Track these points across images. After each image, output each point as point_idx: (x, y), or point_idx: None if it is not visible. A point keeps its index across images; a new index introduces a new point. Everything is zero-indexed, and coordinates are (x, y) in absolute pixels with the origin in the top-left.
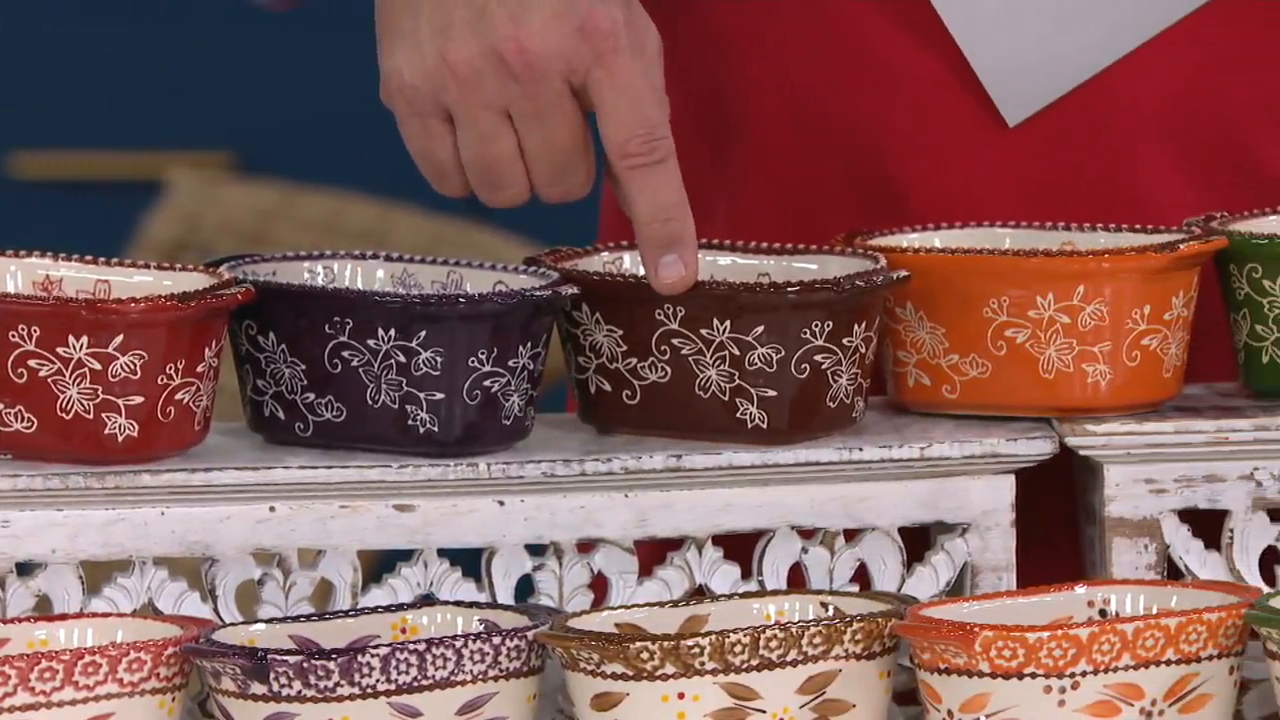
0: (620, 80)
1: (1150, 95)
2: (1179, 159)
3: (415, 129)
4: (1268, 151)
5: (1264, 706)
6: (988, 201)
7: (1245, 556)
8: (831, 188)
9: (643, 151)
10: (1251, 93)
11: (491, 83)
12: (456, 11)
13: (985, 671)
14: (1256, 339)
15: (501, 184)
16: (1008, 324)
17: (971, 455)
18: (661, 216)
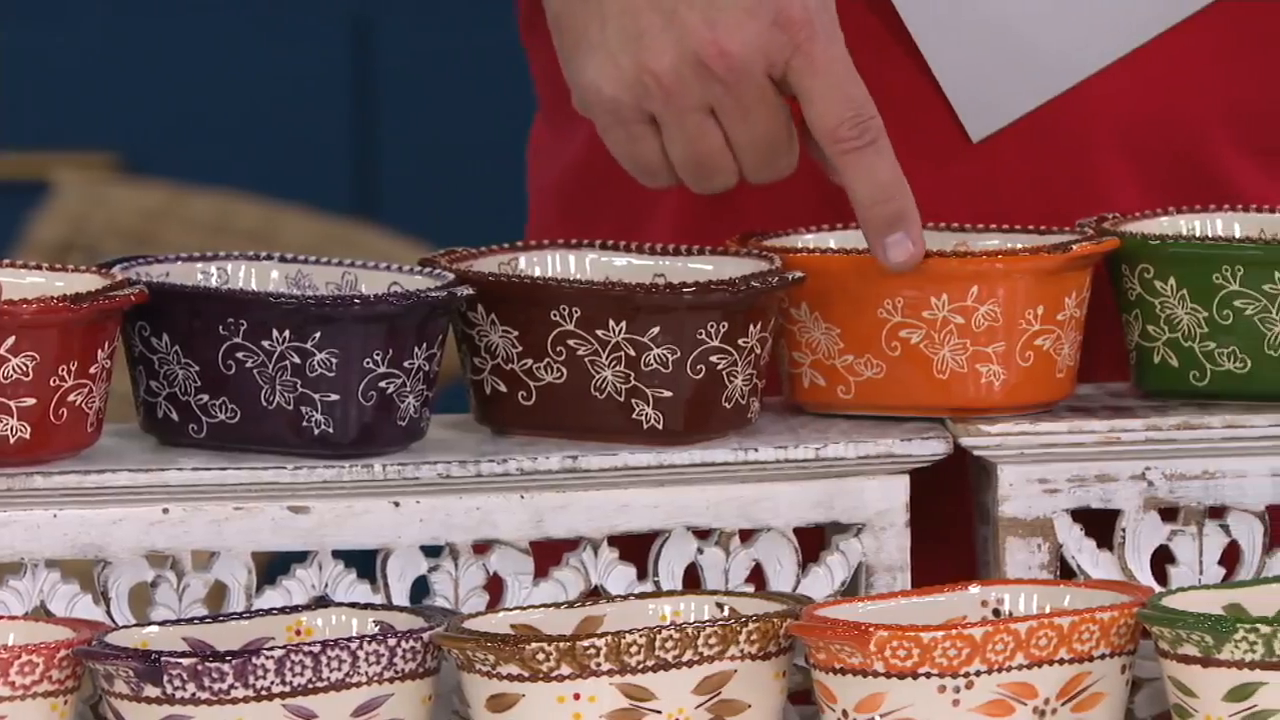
0: (821, 66)
1: (1112, 112)
2: (1141, 175)
3: (620, 136)
4: (1228, 167)
5: (1155, 705)
6: (950, 217)
7: (1137, 556)
8: (798, 195)
9: (854, 134)
10: (1212, 109)
11: (695, 86)
12: (644, 18)
13: (880, 671)
14: (1148, 339)
15: (712, 175)
16: (902, 324)
17: (866, 456)
18: (882, 198)
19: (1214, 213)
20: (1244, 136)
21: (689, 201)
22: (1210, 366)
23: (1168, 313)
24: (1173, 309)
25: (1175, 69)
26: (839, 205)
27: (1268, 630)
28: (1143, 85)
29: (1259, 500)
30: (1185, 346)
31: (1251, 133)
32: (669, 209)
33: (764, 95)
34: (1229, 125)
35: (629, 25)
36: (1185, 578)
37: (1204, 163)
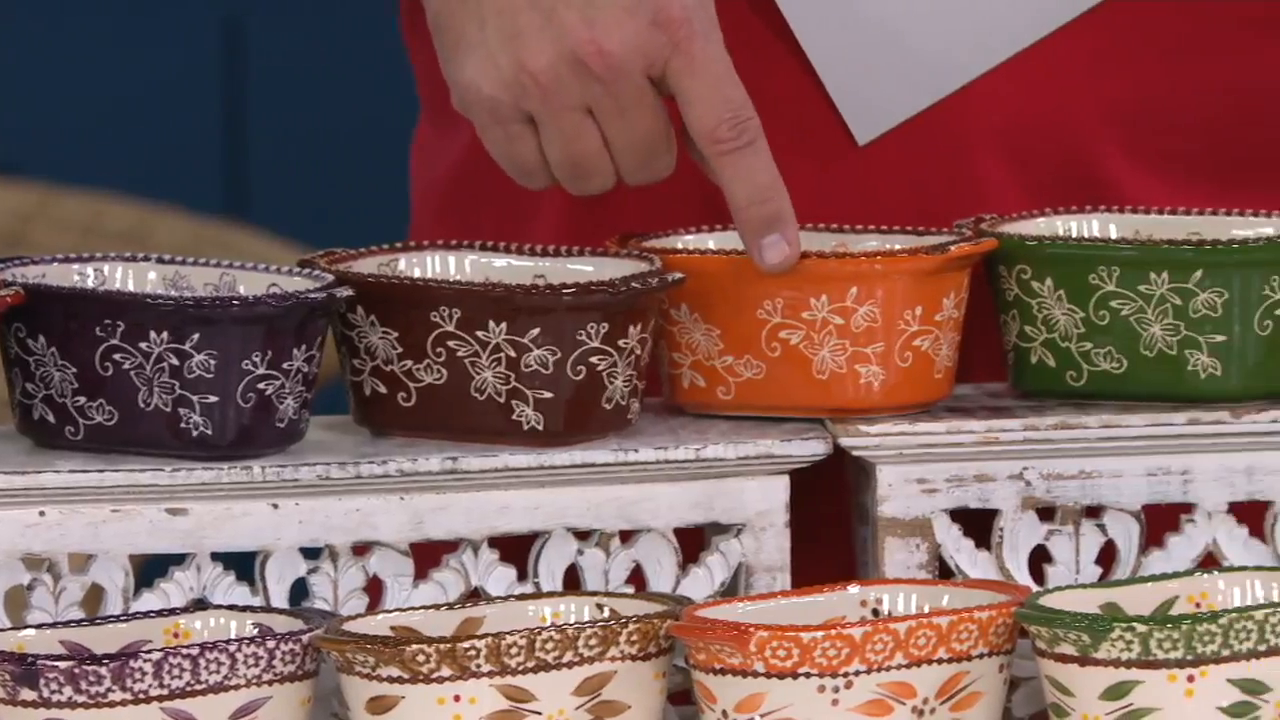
0: (699, 66)
1: (993, 115)
2: (1022, 177)
3: (498, 135)
4: (1110, 169)
5: (1032, 704)
6: (832, 218)
7: (1015, 555)
8: (678, 196)
9: (732, 135)
10: (1094, 112)
11: (572, 85)
12: (522, 17)
13: (760, 671)
14: (1025, 340)
15: (589, 176)
16: (782, 325)
17: (746, 456)
18: (759, 199)
19: (1090, 214)
20: (1125, 139)
21: (571, 203)
22: (1087, 367)
23: (1045, 313)
24: (1050, 309)
25: (1056, 72)
26: (719, 206)
27: (1144, 629)
28: (1024, 88)
29: (1135, 500)
30: (1062, 347)
31: (1133, 135)
32: (551, 210)
33: (642, 95)
34: (1110, 128)
35: (507, 24)
36: (1062, 577)
37: (1085, 165)
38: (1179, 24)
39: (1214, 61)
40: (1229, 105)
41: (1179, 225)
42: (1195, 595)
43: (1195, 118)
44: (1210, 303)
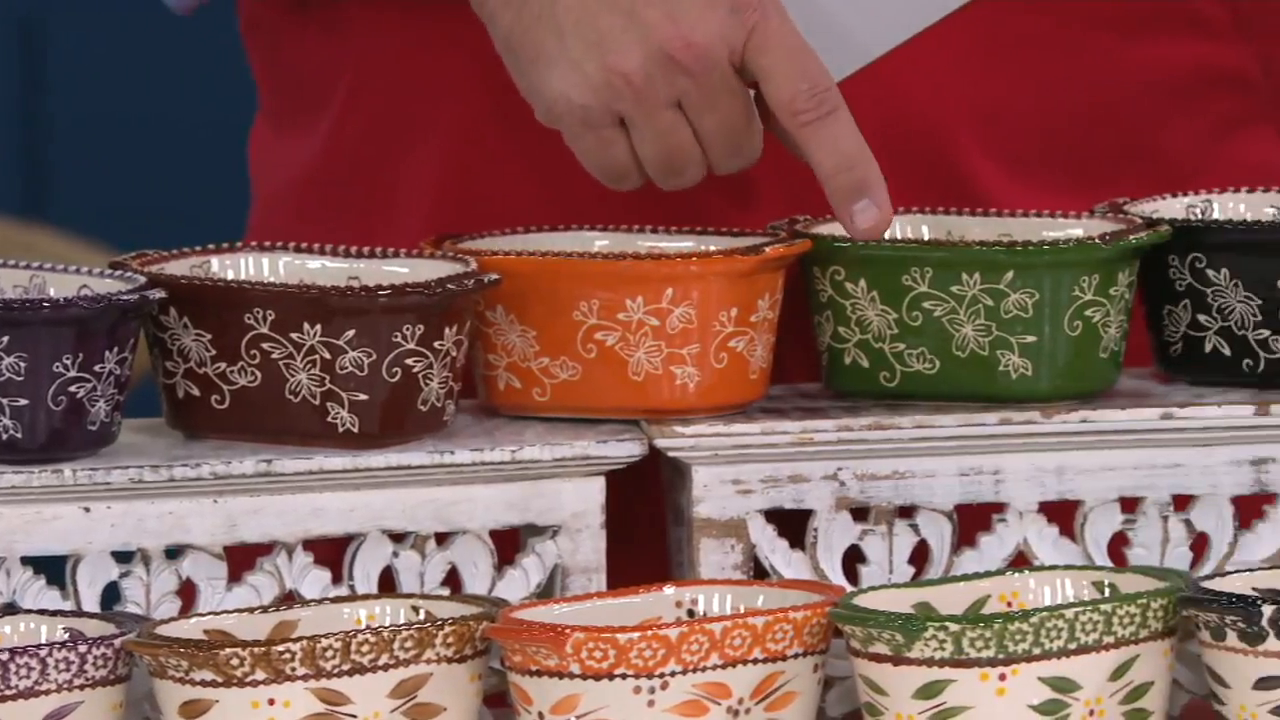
0: (775, 43)
1: (864, 115)
2: (893, 177)
3: (591, 142)
4: (976, 171)
5: (845, 703)
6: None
7: (829, 555)
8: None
9: (812, 106)
10: (960, 113)
11: (663, 82)
12: (603, 21)
13: (576, 673)
14: (839, 340)
15: (683, 169)
16: (598, 327)
17: (562, 458)
18: (846, 166)
19: (901, 215)
20: (987, 139)
21: (434, 207)
22: (900, 367)
23: (858, 314)
24: (863, 310)
25: (923, 72)
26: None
27: (956, 628)
28: (892, 87)
29: (948, 500)
30: (876, 348)
31: (994, 135)
32: (415, 215)
33: (728, 82)
34: (973, 128)
35: (588, 31)
36: (876, 577)
37: (951, 165)
38: (1039, 26)
39: (1072, 63)
40: (1086, 107)
41: (990, 226)
42: (1007, 594)
43: (1053, 119)
44: (1021, 303)
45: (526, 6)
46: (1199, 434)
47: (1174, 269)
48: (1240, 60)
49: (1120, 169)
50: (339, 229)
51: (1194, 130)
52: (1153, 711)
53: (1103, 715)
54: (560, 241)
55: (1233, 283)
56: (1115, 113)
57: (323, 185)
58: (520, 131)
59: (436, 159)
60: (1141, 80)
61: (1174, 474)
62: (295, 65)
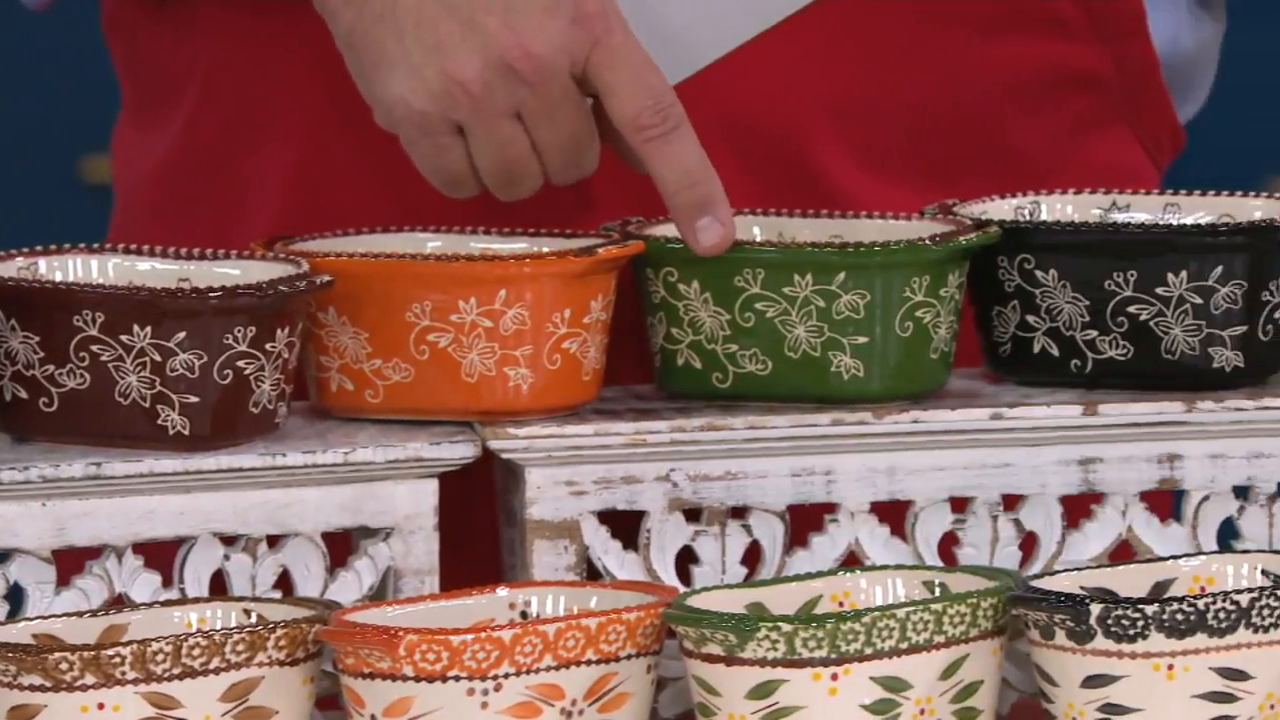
0: (619, 58)
1: (717, 108)
2: (747, 172)
3: (427, 148)
4: (829, 165)
5: (678, 704)
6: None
7: (662, 556)
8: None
9: (656, 122)
10: (813, 109)
11: (502, 91)
12: (443, 27)
13: (409, 675)
14: (672, 342)
15: (521, 180)
16: (430, 328)
17: (395, 460)
18: (689, 183)
19: (735, 216)
20: (842, 135)
21: (283, 208)
22: (733, 369)
23: (691, 315)
24: (696, 312)
25: (776, 67)
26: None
27: (789, 629)
28: (746, 82)
29: (780, 500)
30: (708, 349)
31: (848, 132)
32: (264, 214)
33: (568, 94)
34: (828, 124)
35: (427, 36)
36: (708, 577)
37: (806, 161)
38: (892, 22)
39: (926, 60)
40: (941, 104)
41: (822, 228)
42: (839, 594)
43: (908, 116)
44: (853, 305)
45: (368, 6)
46: (1028, 434)
47: (1003, 270)
48: (1095, 61)
49: (976, 167)
50: (192, 226)
51: (1049, 129)
52: (982, 710)
53: (933, 714)
54: (393, 243)
55: (1061, 284)
56: (971, 111)
57: (175, 183)
58: (366, 134)
59: (284, 159)
60: (997, 79)
61: (1003, 474)
62: (152, 63)
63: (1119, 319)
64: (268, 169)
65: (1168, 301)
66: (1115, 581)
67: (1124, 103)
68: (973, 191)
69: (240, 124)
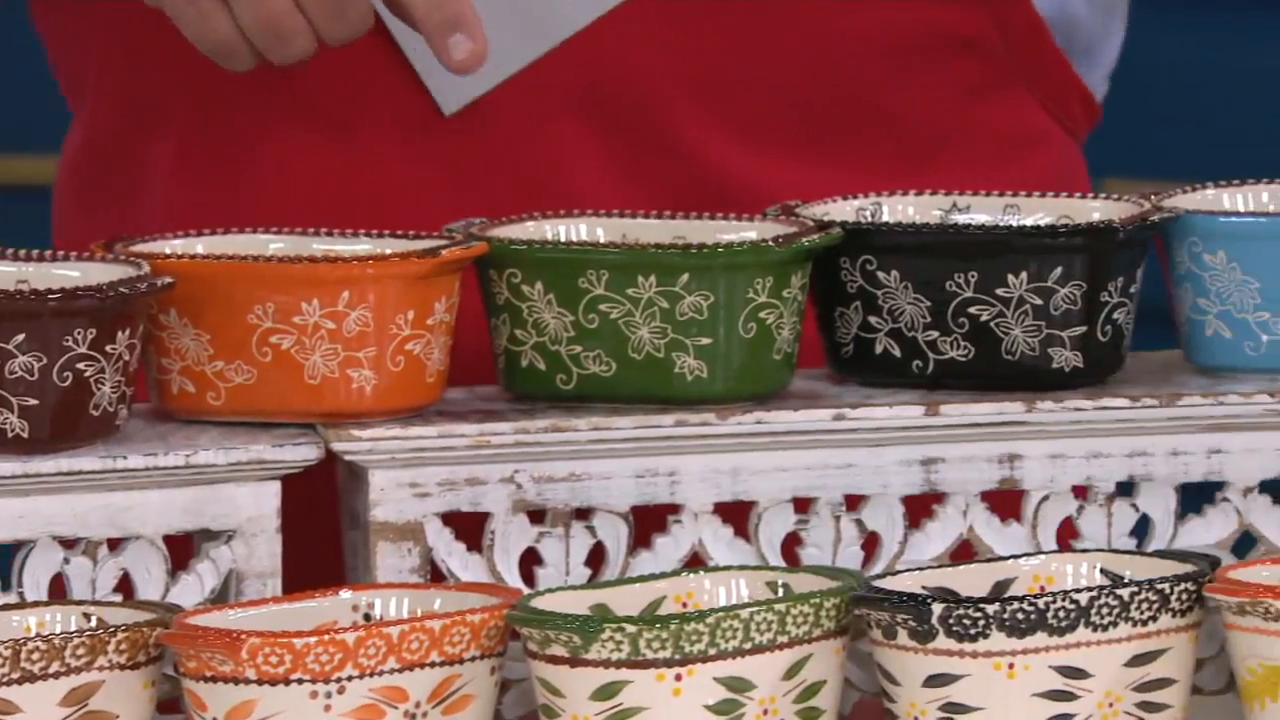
0: None
1: (574, 80)
2: (604, 145)
3: (192, 16)
4: (687, 130)
5: (522, 705)
6: (423, 192)
7: (506, 558)
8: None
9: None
10: (674, 77)
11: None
12: None
13: (252, 678)
14: (516, 343)
15: (289, 40)
16: (273, 330)
17: (237, 462)
18: (437, 4)
19: (578, 218)
20: (706, 103)
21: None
22: (577, 370)
23: (535, 317)
24: (540, 313)
25: (634, 36)
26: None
27: (633, 630)
28: (602, 53)
29: (624, 501)
30: (552, 350)
31: (712, 100)
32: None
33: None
34: (690, 92)
35: None
36: (552, 579)
37: (668, 131)
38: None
39: (789, 27)
40: (809, 72)
41: (665, 229)
42: (682, 595)
43: (776, 85)
44: (696, 306)
45: None
46: (870, 435)
47: (845, 271)
48: (975, 24)
49: (862, 135)
50: (104, 214)
51: (935, 94)
52: (824, 710)
53: (776, 714)
54: (235, 244)
55: (902, 285)
56: (843, 76)
57: (85, 169)
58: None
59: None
60: (868, 44)
61: (846, 474)
62: (64, 47)
63: (960, 320)
64: (155, 158)
65: (1008, 302)
66: (956, 581)
67: (1015, 66)
68: (862, 162)
69: (133, 109)
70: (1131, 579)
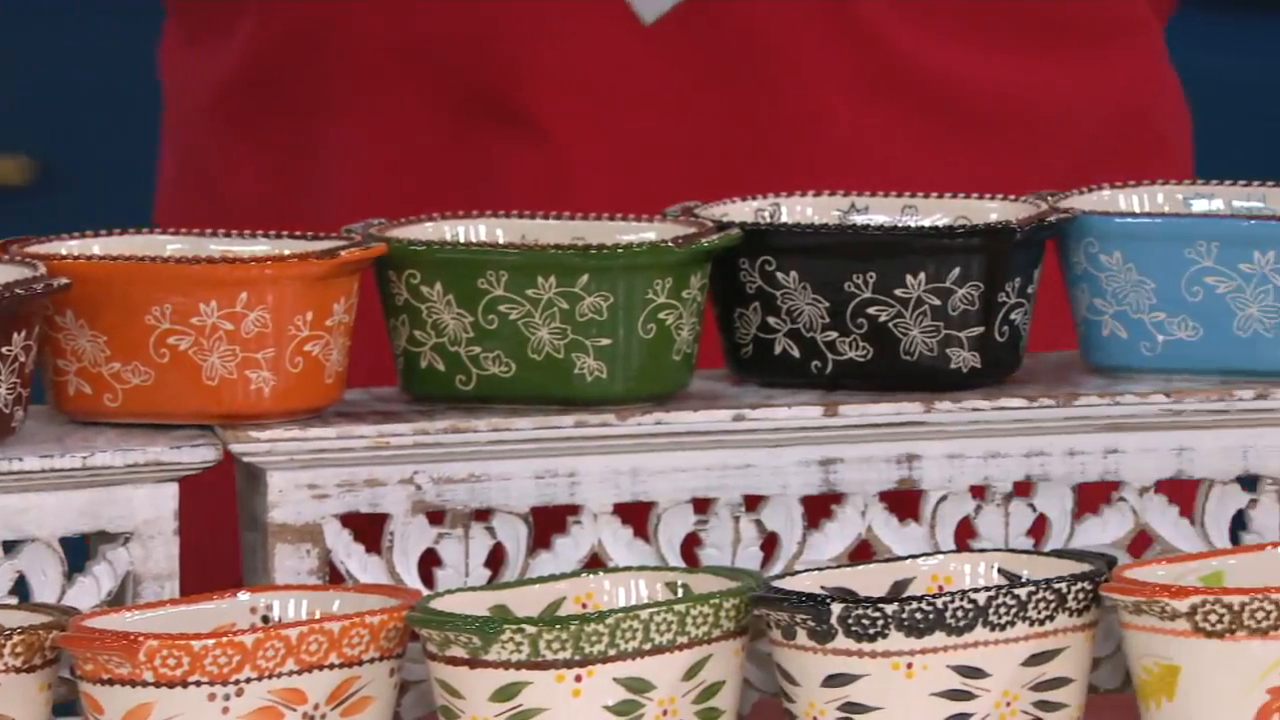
0: None
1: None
2: (835, 61)
3: None
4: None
5: (421, 707)
6: (622, 107)
7: (405, 559)
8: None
9: None
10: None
11: None
12: None
13: (150, 681)
14: (415, 344)
15: None
16: (171, 331)
17: (135, 464)
18: None
19: (478, 218)
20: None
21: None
22: (476, 371)
23: (434, 318)
24: (439, 314)
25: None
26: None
27: (533, 631)
28: None
29: (523, 502)
30: (452, 351)
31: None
32: (350, 114)
33: None
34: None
35: None
36: (452, 580)
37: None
38: None
39: None
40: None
41: (565, 230)
42: (582, 596)
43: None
44: (596, 306)
45: None
46: (769, 435)
47: (745, 272)
48: None
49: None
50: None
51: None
52: (724, 710)
53: (675, 714)
54: (132, 245)
55: (801, 285)
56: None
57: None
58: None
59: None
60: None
61: (745, 475)
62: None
63: (859, 320)
64: (346, 69)
65: (906, 303)
66: (855, 581)
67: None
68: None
69: (311, 24)
70: (1029, 579)
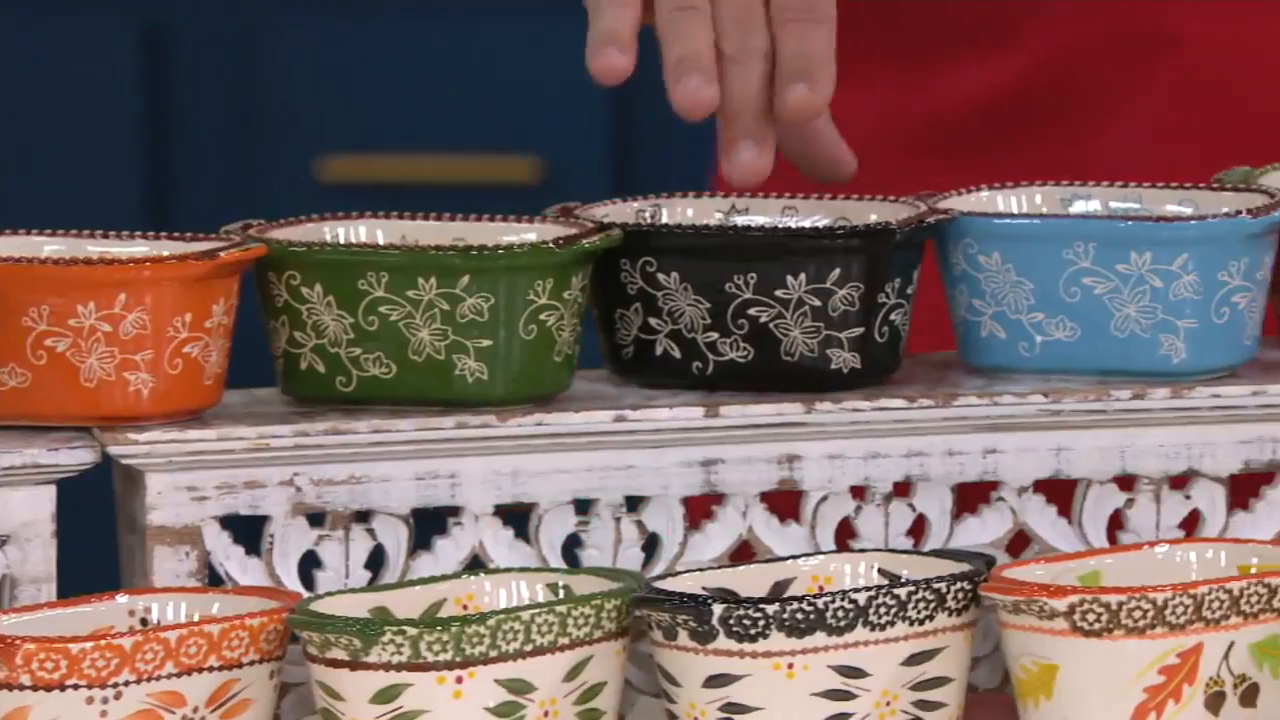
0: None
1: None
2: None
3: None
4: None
5: (301, 709)
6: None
7: (285, 561)
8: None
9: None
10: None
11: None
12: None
13: (27, 684)
14: (295, 346)
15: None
16: (48, 333)
17: (11, 466)
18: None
19: (358, 219)
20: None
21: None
22: (357, 372)
23: (315, 319)
24: (319, 315)
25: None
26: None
27: (414, 632)
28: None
29: (404, 504)
30: (332, 353)
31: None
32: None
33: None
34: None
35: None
36: (332, 582)
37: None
38: None
39: None
40: None
41: (445, 231)
42: (463, 597)
43: None
44: (477, 308)
45: None
46: (650, 436)
47: (625, 273)
48: None
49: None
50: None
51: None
52: (605, 711)
53: (557, 715)
54: (8, 246)
55: (682, 286)
56: None
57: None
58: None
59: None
60: None
61: (626, 475)
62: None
63: (739, 321)
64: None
65: (787, 304)
66: (736, 582)
67: None
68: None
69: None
70: (909, 579)
